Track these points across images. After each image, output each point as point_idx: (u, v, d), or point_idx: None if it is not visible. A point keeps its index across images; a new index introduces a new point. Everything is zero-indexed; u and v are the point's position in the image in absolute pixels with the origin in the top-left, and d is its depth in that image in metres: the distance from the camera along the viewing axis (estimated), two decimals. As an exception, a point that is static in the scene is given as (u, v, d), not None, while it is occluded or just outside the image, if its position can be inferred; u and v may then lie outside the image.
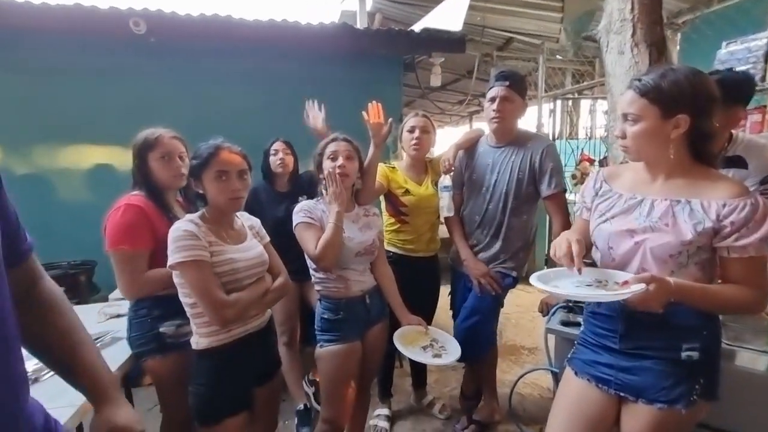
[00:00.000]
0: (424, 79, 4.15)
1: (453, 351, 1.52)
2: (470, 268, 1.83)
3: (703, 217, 0.93)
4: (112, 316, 1.69)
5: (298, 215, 1.46)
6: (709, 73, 1.20)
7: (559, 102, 4.31)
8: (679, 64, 1.44)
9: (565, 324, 1.62)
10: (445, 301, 2.12)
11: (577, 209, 1.24)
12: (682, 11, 3.60)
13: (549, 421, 1.17)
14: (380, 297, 1.60)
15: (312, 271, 1.51)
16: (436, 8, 3.80)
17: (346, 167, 1.45)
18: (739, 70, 1.65)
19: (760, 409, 1.27)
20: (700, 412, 1.01)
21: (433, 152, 2.44)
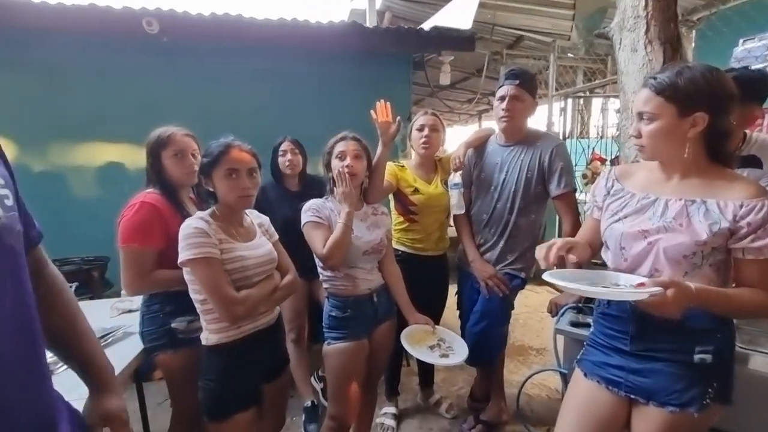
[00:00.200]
0: (433, 77, 4.14)
1: (460, 351, 1.51)
2: (477, 270, 1.82)
3: (719, 217, 0.91)
4: (125, 311, 1.73)
5: (306, 214, 1.46)
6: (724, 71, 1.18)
7: (570, 100, 4.27)
8: (694, 61, 1.41)
9: (575, 325, 1.60)
10: (452, 301, 2.11)
11: (587, 208, 1.23)
12: (697, 8, 3.54)
13: (558, 422, 1.16)
14: (388, 295, 1.60)
15: (320, 269, 1.52)
16: (446, 6, 3.77)
17: (354, 166, 1.45)
18: (755, 68, 1.61)
19: (774, 413, 1.25)
20: (713, 416, 0.99)
21: (444, 150, 2.42)
